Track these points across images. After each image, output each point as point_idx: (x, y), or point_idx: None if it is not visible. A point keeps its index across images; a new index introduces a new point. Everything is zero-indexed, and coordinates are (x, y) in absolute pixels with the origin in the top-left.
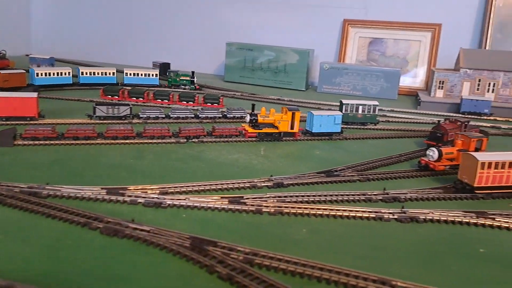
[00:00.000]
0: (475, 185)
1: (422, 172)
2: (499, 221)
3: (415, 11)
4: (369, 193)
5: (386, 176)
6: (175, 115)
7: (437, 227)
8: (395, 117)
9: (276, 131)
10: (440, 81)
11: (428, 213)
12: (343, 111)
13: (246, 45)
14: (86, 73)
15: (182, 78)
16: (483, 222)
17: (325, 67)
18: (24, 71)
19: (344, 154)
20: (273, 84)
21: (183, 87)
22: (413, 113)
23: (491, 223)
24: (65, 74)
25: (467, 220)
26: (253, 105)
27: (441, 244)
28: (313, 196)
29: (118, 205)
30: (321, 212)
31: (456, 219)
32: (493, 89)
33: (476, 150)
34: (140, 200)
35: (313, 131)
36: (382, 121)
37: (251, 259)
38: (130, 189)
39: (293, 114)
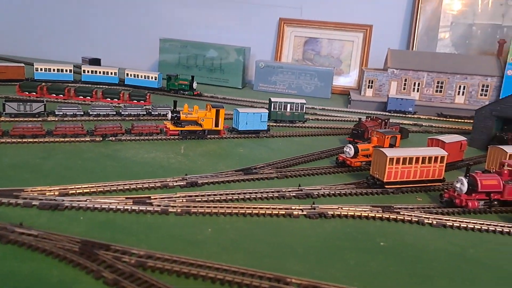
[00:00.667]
0: (385, 180)
1: (339, 168)
2: (403, 214)
3: (348, 12)
4: (284, 190)
5: (304, 173)
6: (95, 113)
7: (344, 222)
8: (325, 115)
9: (200, 128)
10: (369, 81)
11: (337, 209)
12: (272, 109)
13: (181, 41)
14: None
15: (181, 82)
16: (387, 216)
17: (260, 65)
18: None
19: (268, 151)
20: (209, 81)
21: (182, 92)
22: (344, 111)
23: (395, 217)
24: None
25: (373, 215)
26: (175, 102)
27: (344, 239)
28: (226, 194)
29: (10, 208)
30: (230, 211)
31: (363, 214)
32: (417, 89)
33: (391, 146)
34: (35, 202)
35: (239, 129)
36: (312, 119)
37: (144, 262)
38: (27, 191)
39: (217, 111)
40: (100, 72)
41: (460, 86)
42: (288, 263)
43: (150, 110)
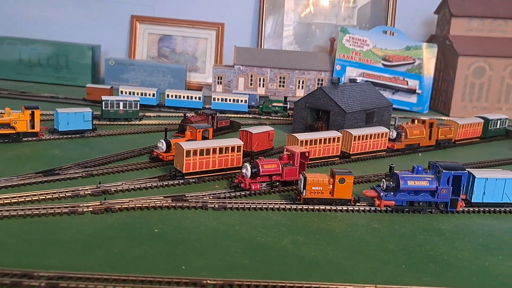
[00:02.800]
0: (184, 171)
1: (154, 163)
2: (191, 202)
3: (201, 10)
4: (80, 189)
5: (113, 170)
6: None
7: (129, 214)
8: (167, 111)
9: (13, 131)
10: (218, 77)
11: (128, 202)
12: (104, 108)
13: (20, 39)
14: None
15: (274, 104)
16: (174, 204)
17: (110, 63)
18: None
19: (88, 151)
20: (55, 81)
21: (274, 114)
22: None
23: (181, 204)
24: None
25: (161, 204)
26: None
27: (119, 229)
28: (12, 198)
29: None
30: (15, 213)
31: (151, 205)
32: (263, 84)
33: (204, 139)
34: None
35: (60, 130)
36: (153, 116)
37: None
38: None
39: (32, 112)
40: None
41: (299, 81)
42: (48, 258)
43: None
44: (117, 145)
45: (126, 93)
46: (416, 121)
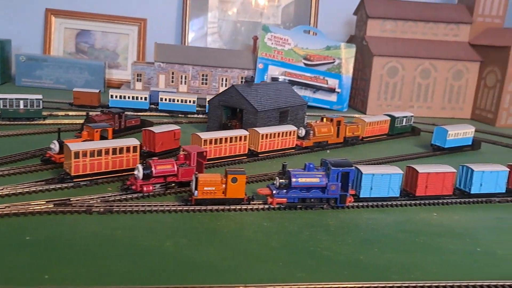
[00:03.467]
0: (73, 174)
1: (46, 165)
2: (75, 206)
3: (122, 4)
4: None
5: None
6: None
7: (2, 222)
8: (79, 110)
9: None
10: (137, 74)
11: (3, 208)
12: (1, 106)
13: None
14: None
15: None
16: (55, 209)
17: (21, 59)
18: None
19: None
20: None
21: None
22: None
23: (63, 209)
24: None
25: (40, 210)
26: None
27: None
28: None
29: None
30: None
31: (28, 211)
32: (185, 81)
33: (103, 139)
34: None
35: None
36: (62, 115)
37: None
38: None
39: None
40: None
41: (222, 79)
42: None
43: None
44: (13, 146)
45: (117, 97)
46: (324, 119)
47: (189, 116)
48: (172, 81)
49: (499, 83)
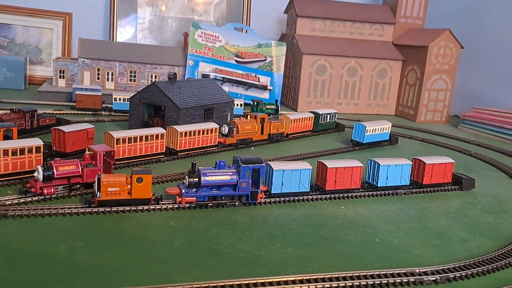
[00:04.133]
0: None
1: None
2: None
3: None
4: None
5: None
6: None
7: None
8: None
9: None
10: (60, 70)
11: None
12: None
13: None
14: None
15: (268, 107)
16: None
17: None
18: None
19: None
20: None
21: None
22: (30, 104)
23: None
24: None
25: None
26: None
27: None
28: None
29: None
30: None
31: None
32: (112, 78)
33: (7, 138)
34: None
35: None
36: None
37: None
38: None
39: None
40: None
41: (151, 75)
42: None
43: None
44: None
45: (120, 99)
46: (248, 116)
47: (113, 114)
48: (98, 78)
49: (419, 81)
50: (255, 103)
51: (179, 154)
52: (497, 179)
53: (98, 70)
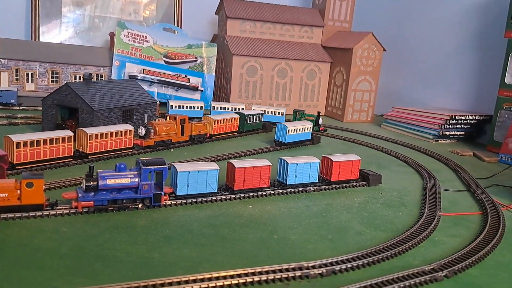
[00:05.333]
0: None
1: None
2: None
3: None
4: None
5: None
6: None
7: None
8: None
9: None
10: None
11: None
12: None
13: None
14: None
15: (307, 118)
16: None
17: None
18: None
19: None
20: None
21: None
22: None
23: None
24: None
25: None
26: None
27: None
28: None
29: None
30: None
31: None
32: (31, 79)
33: None
34: None
35: None
36: None
37: None
38: None
39: None
40: None
41: (75, 76)
42: None
43: None
44: None
45: (176, 107)
46: (168, 117)
47: (29, 117)
48: (17, 79)
49: (345, 82)
50: (296, 113)
51: (89, 157)
52: (404, 175)
53: (17, 70)
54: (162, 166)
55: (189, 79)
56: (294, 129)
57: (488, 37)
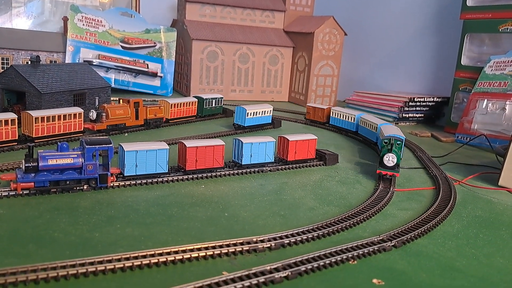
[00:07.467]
0: None
1: None
2: None
3: None
4: None
5: None
6: None
7: None
8: None
9: None
10: None
11: None
12: None
13: None
14: None
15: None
16: None
17: None
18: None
19: None
20: None
21: None
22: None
23: None
24: None
25: None
26: None
27: None
28: None
29: None
30: None
31: None
32: None
33: None
34: None
35: None
36: None
37: None
38: None
39: None
40: None
41: (27, 62)
42: None
43: None
44: None
45: (335, 114)
46: (121, 101)
47: None
48: None
49: (307, 67)
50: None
51: (36, 141)
52: (362, 154)
53: None
54: (107, 145)
55: (147, 65)
56: (254, 112)
57: (445, 20)
